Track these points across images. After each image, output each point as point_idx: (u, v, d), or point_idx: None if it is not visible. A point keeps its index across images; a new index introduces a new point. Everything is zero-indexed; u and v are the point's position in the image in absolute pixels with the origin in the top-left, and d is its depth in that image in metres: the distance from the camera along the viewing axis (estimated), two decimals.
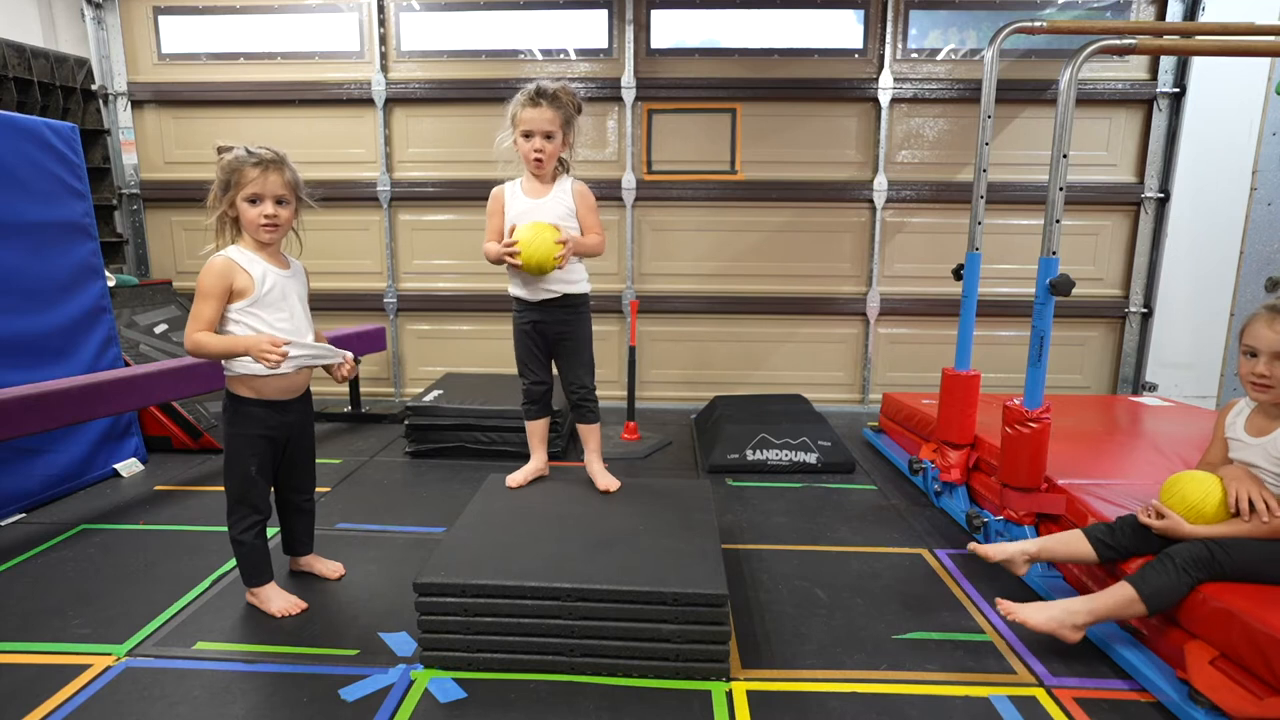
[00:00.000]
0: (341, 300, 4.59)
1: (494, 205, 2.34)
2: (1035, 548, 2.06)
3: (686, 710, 1.70)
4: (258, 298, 1.94)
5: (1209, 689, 1.64)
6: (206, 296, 1.90)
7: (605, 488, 2.42)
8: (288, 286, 2.01)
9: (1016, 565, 2.09)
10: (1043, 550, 2.06)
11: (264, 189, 1.92)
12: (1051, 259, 2.23)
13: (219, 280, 1.91)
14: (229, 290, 1.92)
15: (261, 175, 1.91)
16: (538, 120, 2.22)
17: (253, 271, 1.94)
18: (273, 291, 1.96)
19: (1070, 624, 1.83)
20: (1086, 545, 1.99)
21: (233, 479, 2.04)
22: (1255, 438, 1.88)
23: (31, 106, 3.93)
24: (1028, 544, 2.08)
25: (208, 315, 1.91)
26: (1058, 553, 2.05)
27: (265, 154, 1.93)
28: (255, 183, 1.91)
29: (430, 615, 1.83)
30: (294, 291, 2.03)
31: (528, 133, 2.23)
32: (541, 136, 2.23)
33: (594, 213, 2.34)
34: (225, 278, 1.91)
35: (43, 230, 2.97)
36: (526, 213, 2.27)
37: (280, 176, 1.94)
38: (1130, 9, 4.19)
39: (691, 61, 4.36)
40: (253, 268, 1.94)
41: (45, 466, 2.93)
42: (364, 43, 4.38)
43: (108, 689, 1.76)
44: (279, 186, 1.94)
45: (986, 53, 2.74)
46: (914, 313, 4.54)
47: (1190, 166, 4.21)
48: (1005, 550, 2.07)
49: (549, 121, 2.23)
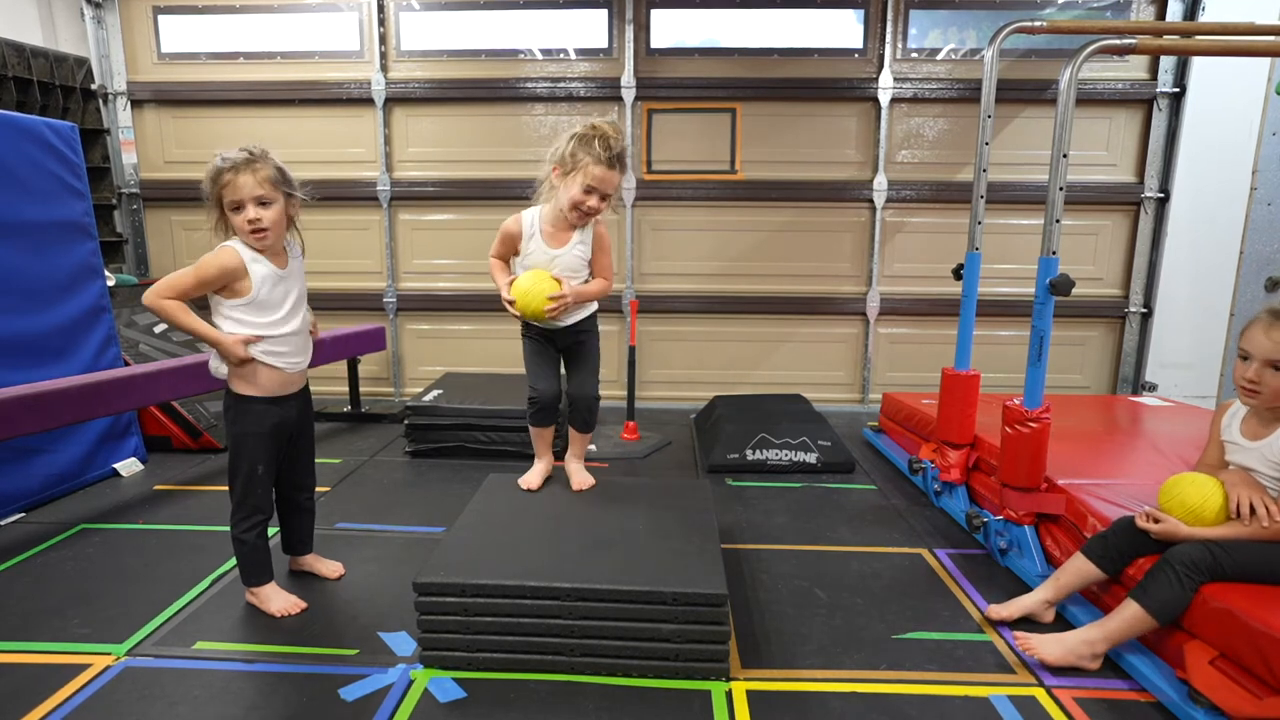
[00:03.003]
0: (341, 300, 4.59)
1: (507, 237, 2.28)
2: (1050, 592, 2.05)
3: (686, 710, 1.70)
4: (253, 300, 1.94)
5: (1208, 689, 1.64)
6: (200, 279, 1.90)
7: (580, 485, 2.43)
8: (288, 286, 2.01)
9: (1041, 615, 2.07)
10: (1058, 591, 2.04)
11: (239, 194, 1.87)
12: (1051, 259, 2.22)
13: (219, 274, 1.91)
14: (222, 286, 1.92)
15: (233, 179, 1.86)
16: (609, 182, 2.14)
17: (254, 273, 1.93)
18: (271, 294, 1.96)
19: (1090, 654, 1.83)
20: (1090, 566, 1.98)
21: (237, 477, 2.04)
22: (1251, 441, 1.88)
23: (31, 106, 3.93)
24: (1042, 592, 2.06)
25: (188, 290, 1.90)
26: (1071, 585, 2.03)
27: (236, 157, 1.87)
28: (229, 189, 1.87)
29: (430, 615, 1.83)
30: (294, 290, 2.02)
31: (591, 189, 2.13)
32: (600, 197, 2.16)
33: (607, 254, 2.31)
34: (226, 274, 1.91)
35: (42, 230, 2.97)
36: (542, 264, 2.23)
37: (252, 176, 1.86)
38: (1130, 9, 4.19)
39: (691, 61, 4.36)
40: (255, 268, 1.93)
41: (45, 466, 2.93)
42: (364, 42, 4.38)
43: (107, 689, 1.76)
44: (253, 187, 1.87)
45: (986, 52, 2.74)
46: (914, 312, 4.54)
47: (1190, 166, 4.21)
48: (1023, 605, 2.06)
49: (616, 186, 2.18)
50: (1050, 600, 2.05)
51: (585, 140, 2.12)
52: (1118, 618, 1.81)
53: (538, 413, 2.43)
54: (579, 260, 2.25)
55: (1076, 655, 1.84)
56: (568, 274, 2.23)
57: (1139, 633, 1.81)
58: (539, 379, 2.39)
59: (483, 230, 4.51)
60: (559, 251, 2.23)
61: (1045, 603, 2.05)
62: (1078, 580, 2.02)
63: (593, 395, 2.43)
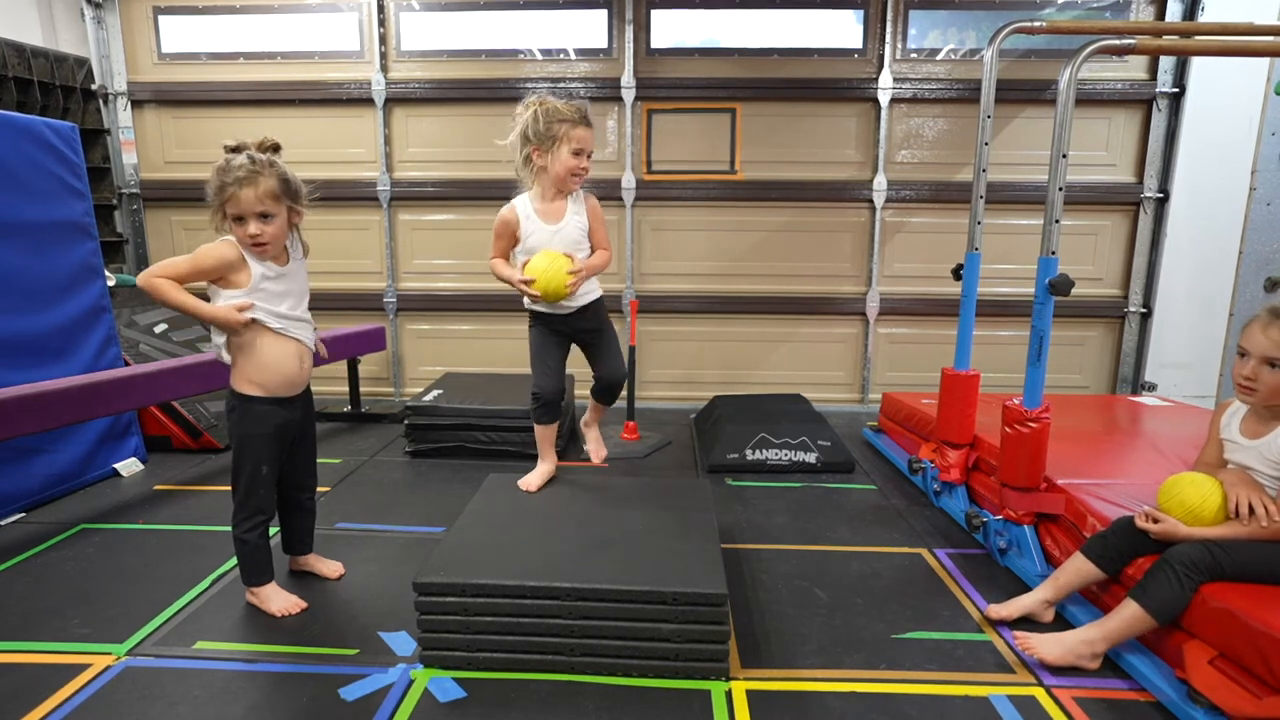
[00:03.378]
0: (341, 300, 4.59)
1: (503, 228, 2.32)
2: (1050, 592, 2.05)
3: (686, 710, 1.71)
4: (251, 290, 1.93)
5: (1208, 688, 1.64)
6: (195, 267, 1.89)
7: (598, 456, 2.61)
8: (288, 285, 2.00)
9: (1040, 615, 2.07)
10: (1057, 591, 2.04)
11: (241, 207, 1.85)
12: (1051, 259, 2.22)
13: (216, 264, 1.90)
14: (219, 276, 1.92)
15: (236, 193, 1.84)
16: (588, 140, 2.26)
17: (253, 269, 1.93)
18: (271, 287, 1.96)
19: (1089, 654, 1.84)
20: (1090, 565, 1.98)
21: (240, 478, 2.04)
22: (1250, 440, 1.88)
23: (31, 106, 3.93)
24: (1042, 591, 2.06)
25: (182, 274, 1.88)
26: (1071, 584, 2.03)
27: (240, 170, 1.84)
28: (232, 202, 1.85)
29: (430, 615, 1.83)
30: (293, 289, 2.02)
31: (579, 150, 2.24)
32: (588, 155, 2.26)
33: (604, 226, 2.39)
34: (223, 266, 1.91)
35: (42, 230, 2.97)
36: (545, 242, 2.29)
37: (254, 190, 1.84)
38: (1130, 9, 4.19)
39: (691, 61, 4.36)
40: (254, 263, 1.93)
41: (45, 466, 2.93)
42: (364, 42, 4.38)
43: (107, 689, 1.76)
44: (255, 203, 1.85)
45: (986, 53, 2.74)
46: (914, 312, 4.54)
47: (1189, 166, 4.21)
48: (1023, 605, 2.06)
49: (593, 141, 2.28)
50: (1049, 600, 2.05)
51: (550, 113, 2.22)
52: (1117, 617, 1.81)
53: (541, 409, 2.44)
54: (579, 231, 2.32)
55: (1076, 655, 1.84)
56: (570, 247, 2.28)
57: (1138, 632, 1.81)
58: (543, 375, 2.40)
59: (483, 230, 4.47)
60: (558, 226, 2.30)
61: (1044, 602, 2.06)
62: (1077, 580, 2.02)
63: (622, 376, 2.51)
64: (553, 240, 2.28)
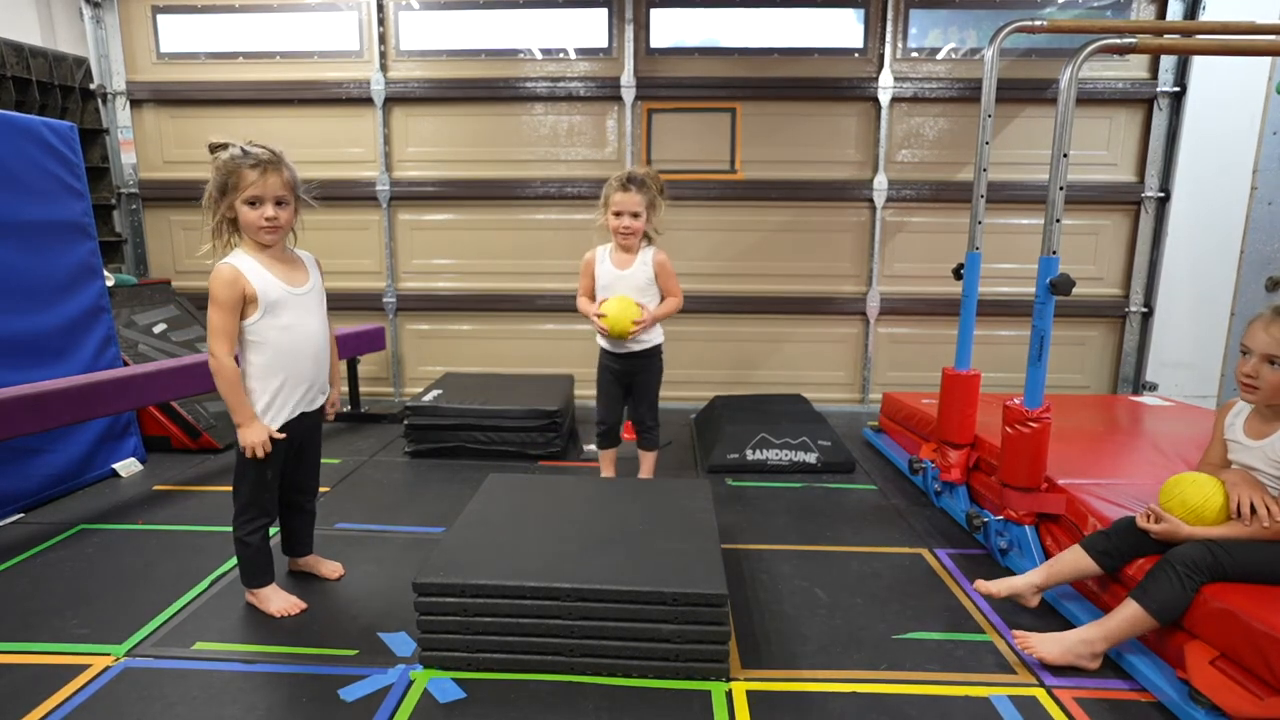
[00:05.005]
0: (341, 300, 4.56)
1: (585, 267, 2.76)
2: (1041, 577, 2.05)
3: (686, 710, 1.70)
4: (265, 309, 1.93)
5: (1209, 689, 1.63)
6: (222, 307, 1.89)
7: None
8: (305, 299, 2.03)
9: (1026, 599, 2.08)
10: (1049, 578, 2.04)
11: (264, 191, 1.88)
12: (1052, 258, 2.22)
13: (230, 289, 1.89)
14: (242, 297, 1.90)
15: (261, 177, 1.87)
16: (627, 203, 2.60)
17: (256, 283, 1.92)
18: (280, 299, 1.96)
19: (1089, 654, 1.84)
20: (1088, 560, 1.98)
21: (244, 481, 2.03)
22: (1254, 440, 1.88)
23: (30, 106, 3.92)
24: (1033, 575, 2.06)
25: (228, 328, 1.90)
26: (1064, 575, 2.03)
27: (263, 154, 1.89)
28: (255, 185, 1.87)
29: (429, 615, 1.83)
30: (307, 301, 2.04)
31: (618, 212, 2.60)
32: (629, 216, 2.60)
33: (673, 279, 2.71)
34: (236, 285, 1.89)
35: (41, 230, 2.97)
36: (612, 284, 2.68)
37: (279, 177, 1.90)
38: (1130, 8, 4.18)
39: (691, 61, 4.36)
40: (254, 277, 1.92)
41: (44, 466, 2.92)
42: (363, 42, 4.38)
43: (106, 689, 1.76)
44: (278, 187, 1.90)
45: (987, 52, 2.73)
46: (914, 312, 4.54)
47: (1190, 166, 4.21)
48: (1012, 585, 2.06)
49: (637, 204, 2.60)
50: (1040, 585, 2.05)
51: (608, 184, 2.65)
52: (1118, 617, 1.81)
53: (602, 437, 2.90)
54: (644, 279, 2.68)
55: (1076, 655, 1.84)
56: (635, 292, 2.65)
57: (1139, 632, 1.81)
58: (606, 411, 2.86)
59: (483, 230, 4.52)
60: (625, 272, 2.68)
61: (1034, 586, 2.05)
62: (1071, 572, 2.02)
63: (644, 420, 2.86)
64: (618, 283, 2.67)
